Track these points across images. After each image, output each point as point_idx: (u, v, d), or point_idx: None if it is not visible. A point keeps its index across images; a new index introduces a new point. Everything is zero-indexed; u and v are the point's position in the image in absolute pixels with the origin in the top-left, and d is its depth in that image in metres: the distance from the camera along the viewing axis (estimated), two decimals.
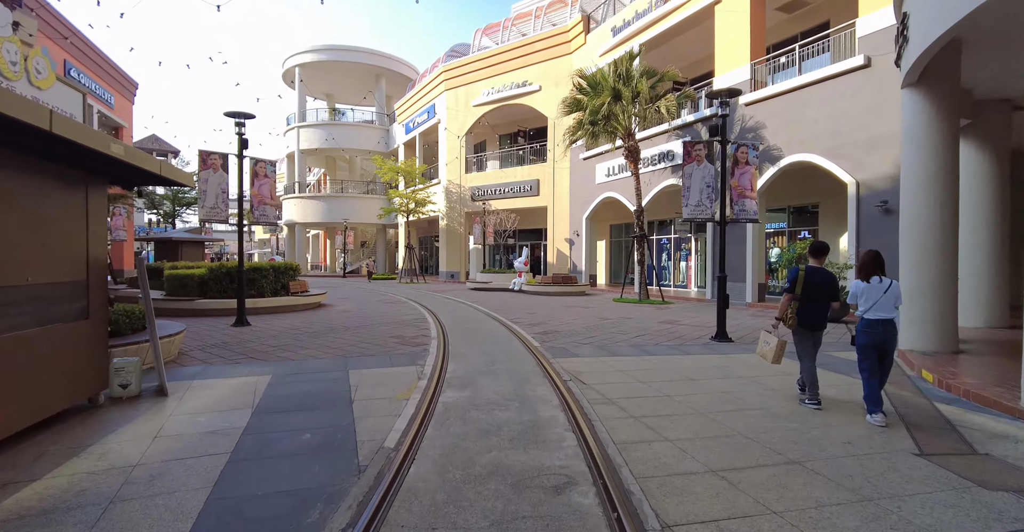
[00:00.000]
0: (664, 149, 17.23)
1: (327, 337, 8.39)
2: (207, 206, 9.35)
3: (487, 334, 8.67)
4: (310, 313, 12.08)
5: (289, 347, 7.44)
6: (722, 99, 8.22)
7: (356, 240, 43.02)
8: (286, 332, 8.93)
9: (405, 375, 5.70)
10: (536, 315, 11.65)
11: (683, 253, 20.29)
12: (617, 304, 14.52)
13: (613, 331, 9.18)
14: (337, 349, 7.30)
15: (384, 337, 8.40)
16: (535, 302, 15.15)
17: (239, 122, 9.71)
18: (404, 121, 33.55)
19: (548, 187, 23.67)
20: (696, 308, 13.58)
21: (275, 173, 10.24)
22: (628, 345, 7.77)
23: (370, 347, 7.47)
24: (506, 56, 24.87)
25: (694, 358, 6.83)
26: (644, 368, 6.15)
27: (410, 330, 9.17)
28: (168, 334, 6.42)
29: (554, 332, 9.01)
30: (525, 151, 26.34)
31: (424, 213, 28.66)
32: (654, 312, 12.47)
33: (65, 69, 22.21)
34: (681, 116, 16.70)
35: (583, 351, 7.21)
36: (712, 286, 15.54)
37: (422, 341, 7.97)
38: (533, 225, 26.39)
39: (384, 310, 12.74)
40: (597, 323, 10.29)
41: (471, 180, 27.08)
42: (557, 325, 9.96)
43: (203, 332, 8.94)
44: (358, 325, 9.90)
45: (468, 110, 26.56)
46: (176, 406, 4.52)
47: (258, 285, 12.07)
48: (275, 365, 6.23)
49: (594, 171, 20.75)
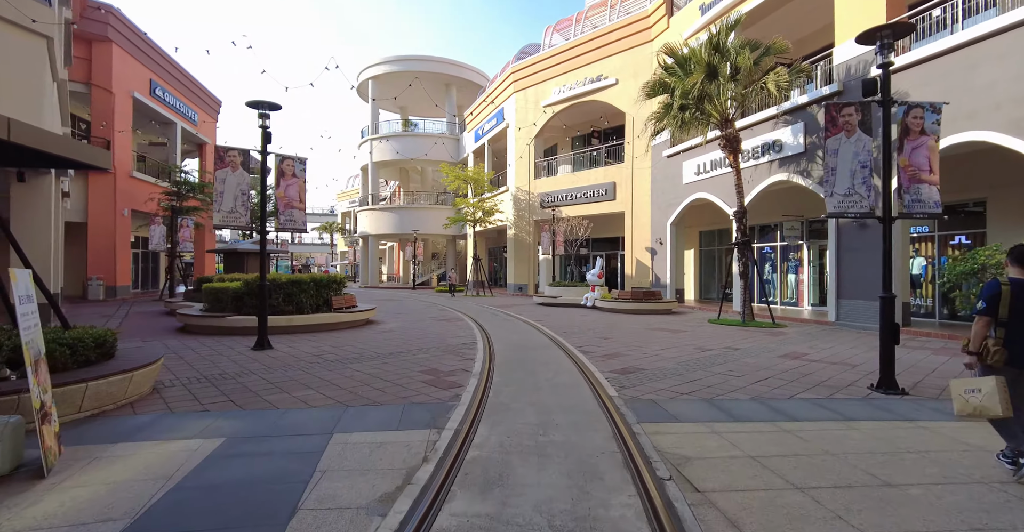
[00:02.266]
0: (769, 139, 14.32)
1: (346, 369, 6.68)
2: (224, 210, 8.07)
3: (545, 371, 6.56)
4: (351, 332, 10.59)
5: (290, 385, 5.78)
6: (883, 40, 5.65)
7: (427, 252, 42.54)
8: (304, 360, 7.35)
9: (408, 449, 3.75)
10: (612, 342, 9.36)
11: (792, 264, 17.01)
12: (715, 327, 11.84)
13: (720, 370, 6.73)
14: (346, 391, 5.52)
15: (414, 372, 6.54)
16: (611, 322, 12.80)
17: (263, 114, 8.42)
18: (473, 129, 32.46)
19: (626, 190, 21.19)
20: (819, 334, 10.63)
21: (304, 172, 8.86)
22: (749, 397, 5.34)
23: (389, 388, 5.63)
24: (579, 50, 22.85)
25: (865, 428, 4.31)
26: (790, 450, 3.77)
27: (450, 361, 7.26)
28: (129, 368, 4.93)
29: (636, 370, 6.72)
30: (600, 152, 24.02)
31: (491, 222, 27.12)
32: (767, 339, 9.73)
33: (151, 88, 23.05)
34: (790, 98, 13.77)
35: (683, 409, 4.90)
36: (835, 305, 12.40)
37: (458, 380, 6.01)
38: (608, 233, 23.94)
39: (433, 330, 10.99)
40: (694, 356, 7.84)
41: (540, 186, 25.16)
42: (640, 357, 7.64)
43: (212, 357, 7.58)
44: (393, 351, 8.17)
45: (538, 111, 24.77)
46: (25, 508, 2.84)
47: (296, 300, 10.79)
48: (246, 418, 4.52)
49: (680, 169, 18.06)
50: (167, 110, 24.20)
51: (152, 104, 22.91)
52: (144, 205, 21.08)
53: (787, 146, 13.73)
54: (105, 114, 20.21)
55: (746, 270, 12.79)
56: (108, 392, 4.68)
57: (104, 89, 20.16)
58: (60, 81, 10.90)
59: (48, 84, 8.66)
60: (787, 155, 13.74)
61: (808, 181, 13.08)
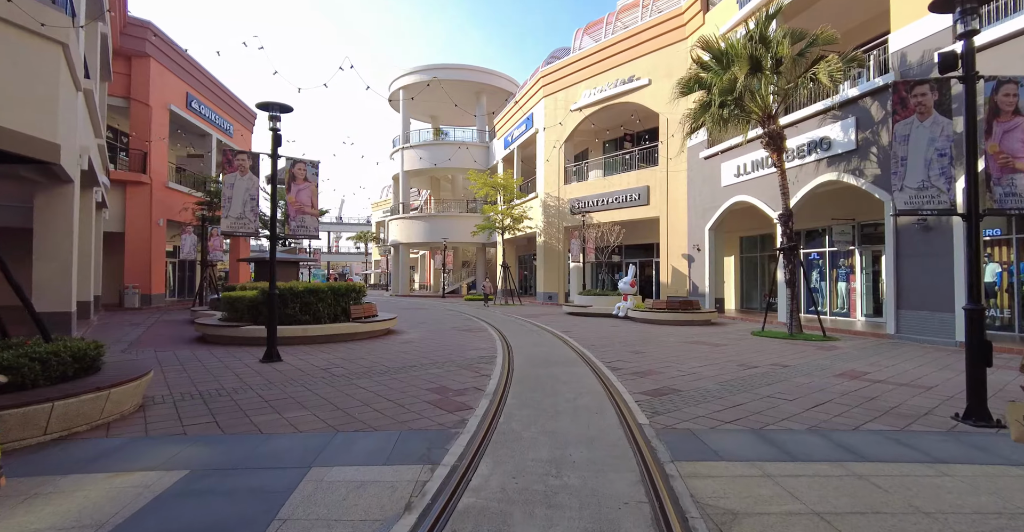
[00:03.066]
0: (816, 136, 13.24)
1: (350, 386, 6.15)
2: (232, 216, 7.74)
3: (567, 392, 5.86)
4: (369, 343, 10.14)
5: (284, 404, 5.28)
6: (964, 5, 4.79)
7: (457, 260, 42.32)
8: (310, 374, 6.88)
9: (392, 491, 3.13)
10: (645, 356, 8.56)
11: (842, 271, 15.72)
12: (759, 340, 10.85)
13: (768, 392, 5.88)
14: (342, 412, 4.97)
15: (423, 389, 5.95)
16: (644, 334, 11.95)
17: (273, 116, 8.09)
18: (503, 136, 32.09)
19: (660, 194, 20.25)
20: (878, 348, 9.53)
21: (317, 177, 8.47)
22: (805, 427, 4.51)
23: (389, 410, 5.05)
24: (610, 51, 22.14)
25: (961, 474, 3.44)
26: (868, 505, 2.97)
27: (463, 378, 6.64)
28: (106, 384, 4.52)
29: (671, 391, 5.94)
30: (632, 155, 23.14)
31: (520, 229, 26.54)
32: (819, 355, 8.73)
33: (187, 101, 23.59)
34: (839, 92, 12.70)
35: (727, 442, 4.12)
36: (895, 316, 11.18)
37: (468, 401, 5.39)
38: (642, 239, 22.98)
39: (453, 341, 10.42)
40: (738, 374, 6.98)
41: (571, 191, 24.44)
42: (675, 376, 6.84)
43: (217, 369, 7.20)
44: (406, 365, 7.62)
45: (567, 116, 24.13)
46: None
47: (313, 310, 10.42)
48: (223, 445, 4.02)
49: (718, 171, 17.06)
50: (203, 122, 24.74)
51: (188, 117, 23.43)
52: (179, 215, 21.47)
53: (836, 143, 12.65)
54: (143, 127, 20.71)
55: (793, 277, 11.74)
56: (80, 412, 4.26)
57: (142, 103, 20.69)
58: (87, 91, 10.95)
59: (67, 93, 8.58)
60: (836, 153, 12.64)
61: (861, 180, 11.96)
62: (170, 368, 7.33)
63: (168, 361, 7.96)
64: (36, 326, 4.95)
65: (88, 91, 10.97)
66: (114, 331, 12.20)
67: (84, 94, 10.98)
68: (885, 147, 11.44)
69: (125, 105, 20.65)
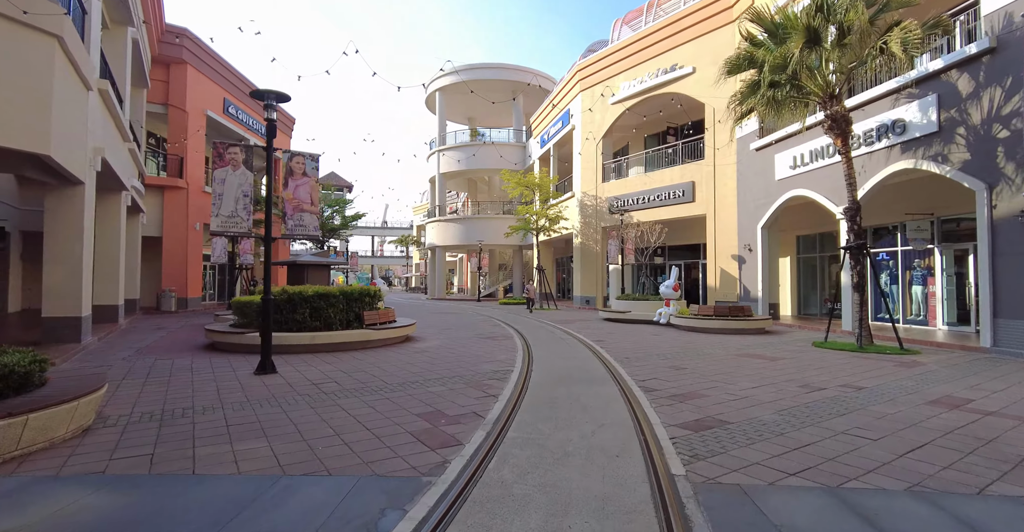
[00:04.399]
0: (887, 119, 11.58)
1: (332, 408, 5.31)
2: (223, 214, 7.11)
3: (584, 422, 4.79)
4: (381, 352, 9.36)
5: (245, 432, 4.47)
6: None
7: (494, 263, 41.58)
8: (297, 390, 6.10)
9: None
10: (686, 373, 7.34)
11: (917, 273, 13.82)
12: (822, 352, 9.37)
13: (843, 426, 4.61)
14: (303, 444, 4.10)
15: (411, 415, 5.02)
16: (688, 345, 10.65)
17: (268, 105, 7.42)
18: (539, 134, 31.10)
19: (706, 190, 18.70)
20: (973, 366, 7.92)
21: (317, 171, 7.76)
22: (903, 486, 3.28)
23: (359, 444, 4.14)
24: (649, 40, 20.78)
25: None
26: None
27: (465, 399, 5.67)
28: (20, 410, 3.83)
29: (717, 423, 4.77)
30: (676, 149, 21.63)
31: (556, 230, 25.44)
32: (899, 373, 7.26)
33: (224, 106, 23.85)
34: (915, 66, 11.03)
35: (792, 510, 2.97)
36: (991, 326, 9.42)
37: (459, 433, 4.41)
38: (687, 239, 21.43)
39: (471, 351, 9.49)
40: (800, 399, 5.70)
41: (609, 189, 23.15)
42: (723, 400, 5.63)
43: (202, 383, 6.53)
44: (407, 380, 6.73)
45: (606, 110, 22.90)
46: None
47: (324, 316, 9.74)
48: (136, 490, 3.20)
49: (772, 163, 15.45)
50: (240, 127, 25.00)
51: (225, 121, 23.68)
52: None
53: (912, 125, 10.97)
54: (180, 133, 20.97)
55: (861, 280, 10.17)
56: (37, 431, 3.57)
57: (179, 109, 20.96)
58: (103, 92, 10.74)
59: (65, 87, 8.21)
60: (913, 137, 10.96)
61: (945, 168, 10.27)
62: (154, 380, 6.73)
63: (159, 371, 7.40)
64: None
65: (104, 91, 10.76)
66: (134, 336, 11.98)
67: (100, 94, 10.78)
68: (977, 127, 9.74)
69: (164, 111, 20.98)
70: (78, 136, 9.11)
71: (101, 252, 14.19)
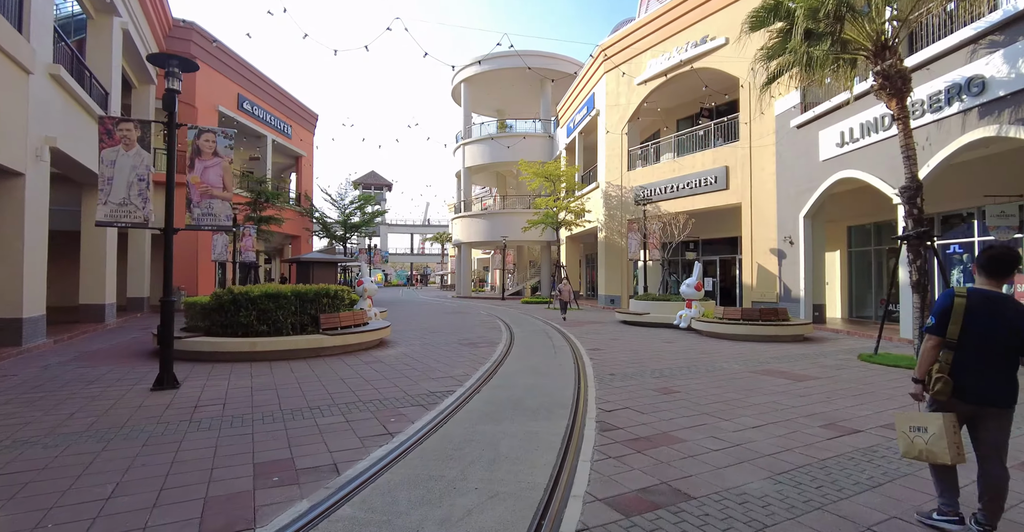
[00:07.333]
0: (959, 77, 9.33)
1: (167, 447, 4.04)
2: (112, 201, 6.04)
3: (474, 488, 3.29)
4: (331, 361, 8.11)
5: (36, 482, 3.26)
6: None
7: (523, 259, 40.14)
8: (180, 415, 4.89)
9: None
10: (674, 401, 5.65)
11: None
12: (867, 369, 7.40)
13: (875, 522, 2.91)
14: (62, 511, 2.84)
15: (239, 468, 3.66)
16: (700, 355, 8.85)
17: (171, 72, 6.29)
18: (565, 123, 29.36)
19: (742, 176, 16.52)
20: None
21: (231, 150, 6.58)
22: None
23: (128, 519, 2.83)
24: (678, 11, 18.68)
25: None
26: None
27: (345, 440, 4.25)
28: None
29: (672, 496, 3.14)
30: (708, 132, 19.42)
31: (579, 224, 23.70)
32: None
33: (239, 102, 23.49)
34: (1001, 5, 8.75)
35: None
36: None
37: (265, 507, 3.02)
38: (721, 232, 19.26)
39: (434, 362, 8.09)
40: (818, 451, 3.95)
41: (635, 178, 21.18)
42: (701, 450, 3.96)
43: (79, 400, 5.43)
44: (312, 404, 5.38)
45: (632, 91, 20.94)
46: None
47: (271, 318, 8.62)
48: None
49: (816, 142, 13.23)
50: (256, 123, 24.60)
51: (239, 117, 23.28)
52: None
53: (995, 82, 8.71)
54: None
55: (922, 277, 8.08)
56: None
57: (187, 104, 20.60)
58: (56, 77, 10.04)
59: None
60: (996, 97, 8.71)
61: None
62: (25, 398, 5.72)
63: (55, 384, 6.42)
64: None
65: (57, 76, 10.06)
66: (105, 337, 11.33)
67: (54, 79, 10.11)
68: None
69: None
70: (13, 124, 8.34)
71: (87, 250, 13.77)
